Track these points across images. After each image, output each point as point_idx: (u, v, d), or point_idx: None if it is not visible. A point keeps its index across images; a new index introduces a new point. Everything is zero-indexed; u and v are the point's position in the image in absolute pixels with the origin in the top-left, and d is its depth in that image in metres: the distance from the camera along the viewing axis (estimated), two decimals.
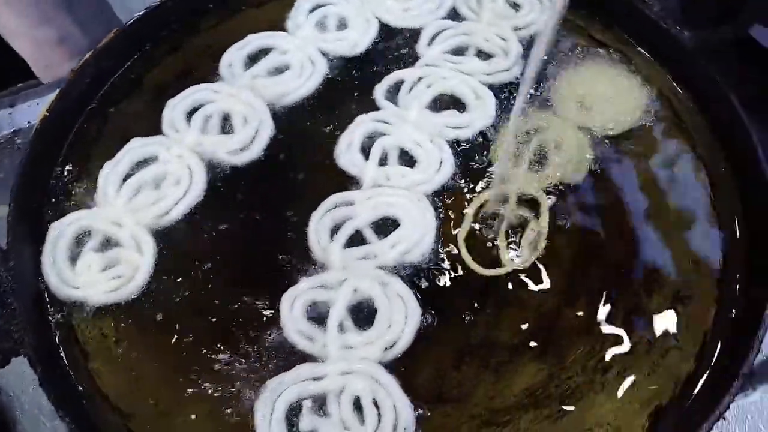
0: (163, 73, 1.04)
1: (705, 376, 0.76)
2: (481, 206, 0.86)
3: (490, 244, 0.85)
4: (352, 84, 1.02)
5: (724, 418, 0.82)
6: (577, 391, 0.76)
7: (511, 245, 0.84)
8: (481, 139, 0.94)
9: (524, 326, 0.80)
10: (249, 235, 0.88)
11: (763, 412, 0.84)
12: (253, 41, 1.05)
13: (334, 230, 0.86)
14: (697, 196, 0.89)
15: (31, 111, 1.14)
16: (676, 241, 0.86)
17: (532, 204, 0.87)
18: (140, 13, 1.04)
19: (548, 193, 0.88)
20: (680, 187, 0.90)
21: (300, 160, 0.94)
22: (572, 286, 0.83)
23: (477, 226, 0.86)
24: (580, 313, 0.81)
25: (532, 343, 0.79)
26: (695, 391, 0.75)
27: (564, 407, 0.75)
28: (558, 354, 0.78)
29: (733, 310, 0.80)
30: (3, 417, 0.92)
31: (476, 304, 0.81)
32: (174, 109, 0.98)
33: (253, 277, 0.85)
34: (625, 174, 0.91)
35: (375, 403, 0.72)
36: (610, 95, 0.94)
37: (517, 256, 0.83)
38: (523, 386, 0.77)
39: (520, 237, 0.84)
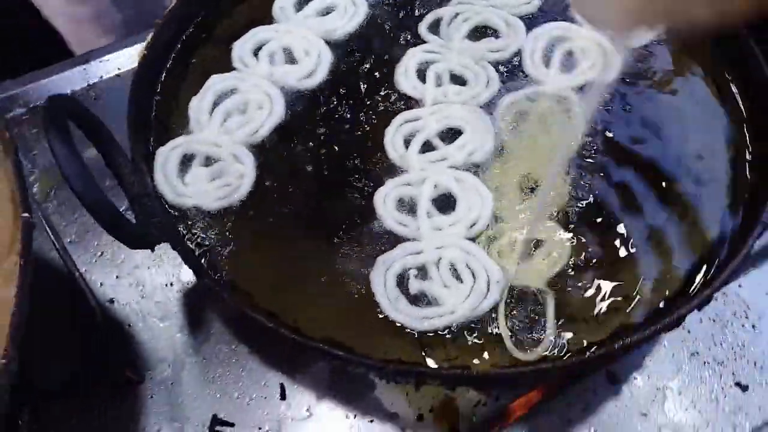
0: (233, 24, 1.17)
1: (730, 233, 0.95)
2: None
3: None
4: (395, 22, 1.17)
5: (741, 286, 1.04)
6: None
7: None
8: (517, 59, 1.11)
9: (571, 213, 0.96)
10: (333, 147, 1.03)
11: None
12: None
13: (407, 141, 1.01)
14: (704, 96, 1.07)
15: (103, 66, 1.27)
16: (692, 135, 1.03)
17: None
18: None
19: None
20: (688, 90, 1.08)
21: (364, 83, 1.09)
22: (608, 173, 1.00)
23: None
24: (622, 196, 0.98)
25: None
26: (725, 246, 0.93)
27: (615, 266, 0.92)
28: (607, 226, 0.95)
29: (747, 187, 0.98)
30: (118, 319, 1.06)
31: None
32: (241, 48, 1.12)
33: (346, 180, 0.99)
34: (647, 78, 1.09)
35: (468, 268, 0.89)
36: None
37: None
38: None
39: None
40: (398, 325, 0.87)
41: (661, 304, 0.89)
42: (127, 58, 1.31)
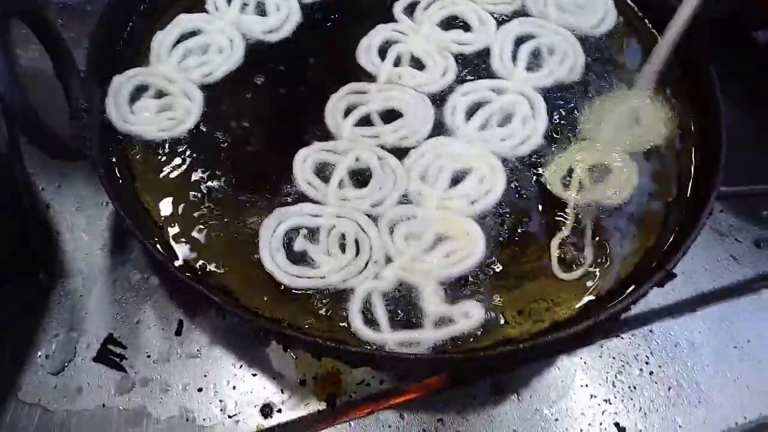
0: None
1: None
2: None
3: None
4: None
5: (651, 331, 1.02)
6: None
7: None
8: (480, 58, 1.10)
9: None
10: (276, 102, 1.05)
11: None
12: None
13: (348, 111, 1.02)
14: None
15: None
16: None
17: None
18: None
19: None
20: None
21: (324, 49, 1.11)
22: None
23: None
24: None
25: None
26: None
27: None
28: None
29: None
30: (49, 228, 1.10)
31: None
32: None
33: (278, 136, 1.02)
34: None
35: (356, 243, 0.90)
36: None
37: None
38: None
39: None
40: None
41: None
42: None
